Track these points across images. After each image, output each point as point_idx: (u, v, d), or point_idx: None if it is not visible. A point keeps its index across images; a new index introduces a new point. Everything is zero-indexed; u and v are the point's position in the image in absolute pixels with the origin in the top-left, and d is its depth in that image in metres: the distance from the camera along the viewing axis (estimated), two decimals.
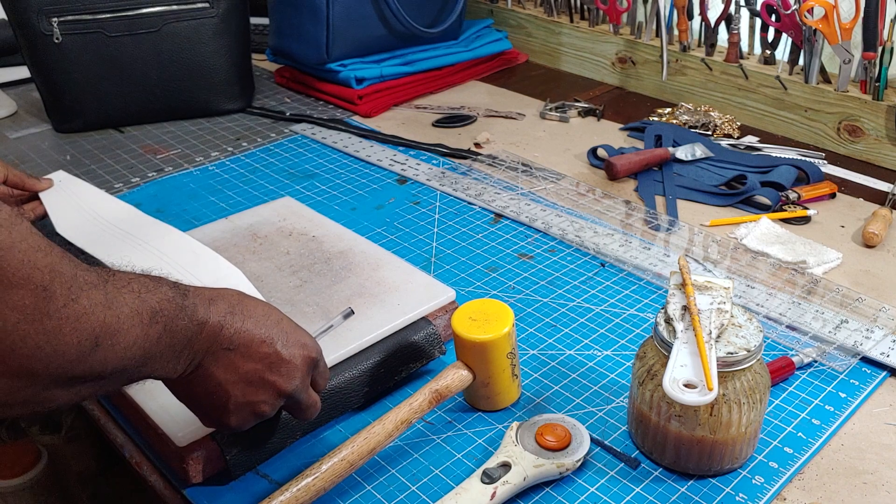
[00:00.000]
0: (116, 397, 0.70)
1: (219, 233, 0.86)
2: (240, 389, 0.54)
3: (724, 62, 1.24)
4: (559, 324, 0.81)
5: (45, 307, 0.41)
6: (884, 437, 0.68)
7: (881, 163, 1.12)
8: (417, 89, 1.36)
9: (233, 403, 0.55)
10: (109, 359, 0.45)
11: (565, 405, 0.71)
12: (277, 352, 0.55)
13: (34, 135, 1.24)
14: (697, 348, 0.60)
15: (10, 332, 0.40)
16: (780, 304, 0.82)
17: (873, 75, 1.09)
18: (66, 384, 0.44)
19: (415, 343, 0.73)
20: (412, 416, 0.64)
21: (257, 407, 0.56)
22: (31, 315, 0.40)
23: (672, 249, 0.93)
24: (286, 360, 0.55)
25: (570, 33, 1.45)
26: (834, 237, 0.96)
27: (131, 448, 0.68)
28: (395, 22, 1.32)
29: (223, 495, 0.63)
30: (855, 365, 0.75)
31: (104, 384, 0.47)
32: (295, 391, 0.57)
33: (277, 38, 1.36)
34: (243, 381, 0.54)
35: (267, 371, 0.55)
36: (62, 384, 0.44)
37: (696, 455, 0.63)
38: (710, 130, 1.21)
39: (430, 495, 0.63)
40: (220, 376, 0.53)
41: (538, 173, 1.10)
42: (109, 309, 0.45)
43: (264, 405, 0.56)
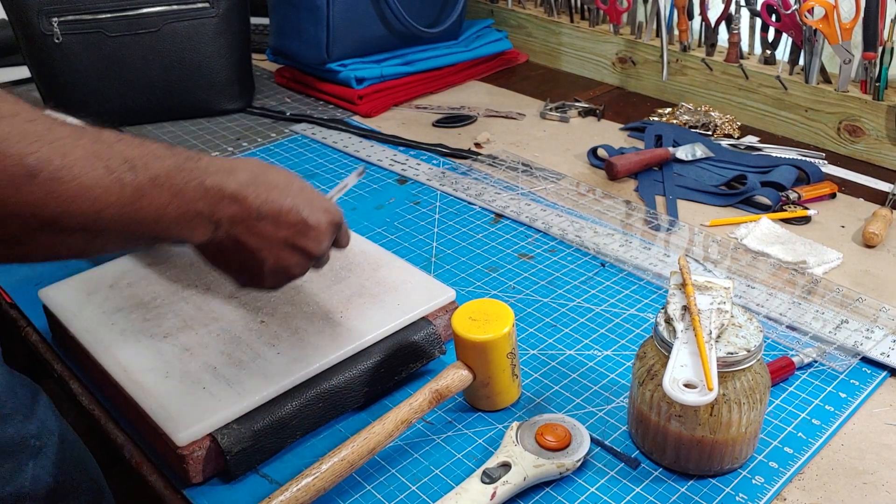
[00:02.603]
0: (116, 397, 0.70)
1: None
2: (273, 256, 0.58)
3: (725, 62, 1.24)
4: (559, 324, 0.81)
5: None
6: (884, 437, 0.68)
7: (881, 163, 1.12)
8: (417, 89, 1.36)
9: (267, 268, 0.59)
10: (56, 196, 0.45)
11: (565, 405, 0.71)
12: (305, 219, 0.58)
13: None
14: (697, 348, 0.60)
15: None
16: (780, 304, 0.82)
17: (873, 75, 1.09)
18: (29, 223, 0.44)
19: (415, 343, 0.73)
20: (412, 416, 0.64)
21: (290, 270, 0.60)
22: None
23: (672, 249, 0.93)
24: (313, 226, 0.59)
25: (571, 33, 1.45)
26: (834, 237, 0.96)
27: (131, 448, 0.68)
28: (395, 22, 1.32)
29: (224, 495, 0.63)
30: (855, 365, 0.75)
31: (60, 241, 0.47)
32: (322, 253, 0.62)
33: (277, 38, 1.36)
34: (276, 248, 0.58)
35: (297, 237, 0.58)
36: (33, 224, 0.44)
37: (696, 455, 0.63)
38: (710, 130, 1.21)
39: (430, 495, 0.63)
40: (253, 244, 0.56)
41: (538, 173, 1.10)
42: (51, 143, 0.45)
43: (296, 268, 0.61)
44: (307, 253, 0.60)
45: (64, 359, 0.78)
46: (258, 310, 0.74)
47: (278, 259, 0.59)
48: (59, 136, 0.46)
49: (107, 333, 0.71)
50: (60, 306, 0.75)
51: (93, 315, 0.74)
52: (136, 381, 0.66)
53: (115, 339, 0.71)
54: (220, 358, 0.69)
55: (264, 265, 0.58)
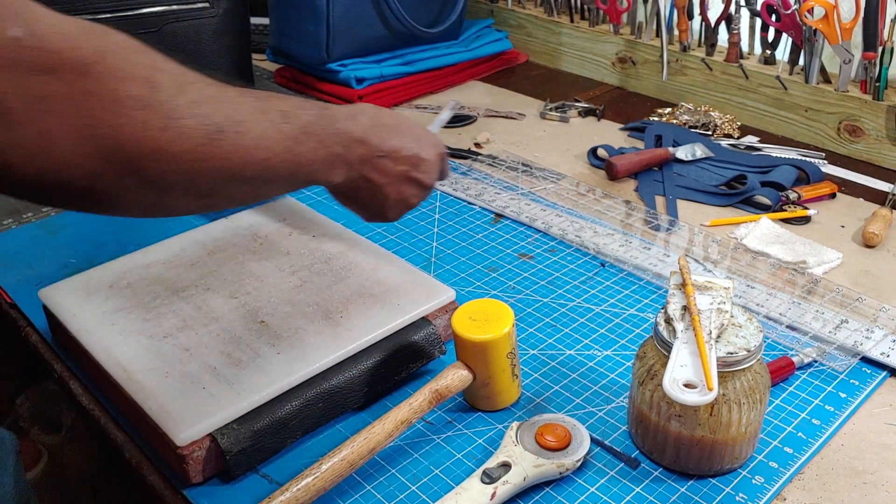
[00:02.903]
0: (116, 397, 0.70)
1: (219, 232, 0.86)
2: (394, 189, 0.66)
3: (725, 62, 1.24)
4: (559, 324, 0.81)
5: (155, 94, 0.46)
6: (884, 437, 0.68)
7: (881, 163, 1.12)
8: (417, 89, 1.36)
9: (391, 200, 0.66)
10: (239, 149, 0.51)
11: (565, 405, 0.71)
12: (417, 154, 0.66)
13: None
14: (697, 348, 0.60)
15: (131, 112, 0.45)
16: (780, 304, 0.82)
17: (873, 75, 1.09)
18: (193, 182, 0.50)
19: (415, 343, 0.73)
20: (412, 416, 0.64)
21: (409, 200, 0.68)
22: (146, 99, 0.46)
23: (672, 249, 0.93)
24: (425, 159, 0.67)
25: (571, 33, 1.45)
26: (834, 237, 0.96)
27: (131, 448, 0.68)
28: (395, 22, 1.32)
29: (223, 495, 0.63)
30: (855, 365, 0.75)
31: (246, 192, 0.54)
32: (433, 183, 0.70)
33: (277, 38, 1.36)
34: (396, 182, 0.66)
35: (413, 170, 0.66)
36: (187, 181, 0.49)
37: (696, 455, 0.63)
38: (710, 130, 1.21)
39: (430, 495, 0.63)
40: (378, 180, 0.64)
41: (538, 173, 1.10)
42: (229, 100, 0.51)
43: (414, 198, 0.69)
44: (422, 184, 0.68)
45: (64, 359, 0.78)
46: (258, 310, 0.74)
47: (399, 192, 0.66)
48: (231, 96, 0.52)
49: (106, 333, 0.71)
50: (60, 306, 0.75)
51: (92, 315, 0.74)
52: (135, 381, 0.66)
53: (114, 339, 0.71)
54: (220, 358, 0.69)
55: (388, 199, 0.66)
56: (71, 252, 0.94)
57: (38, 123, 0.43)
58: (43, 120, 0.43)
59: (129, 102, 0.45)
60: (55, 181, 0.45)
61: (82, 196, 0.48)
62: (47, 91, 0.43)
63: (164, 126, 0.46)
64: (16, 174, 0.44)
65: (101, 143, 0.45)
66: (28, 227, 0.99)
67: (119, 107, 0.45)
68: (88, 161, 0.45)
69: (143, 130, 0.46)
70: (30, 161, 0.44)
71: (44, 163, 0.44)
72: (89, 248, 0.94)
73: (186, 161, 0.48)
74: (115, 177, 0.46)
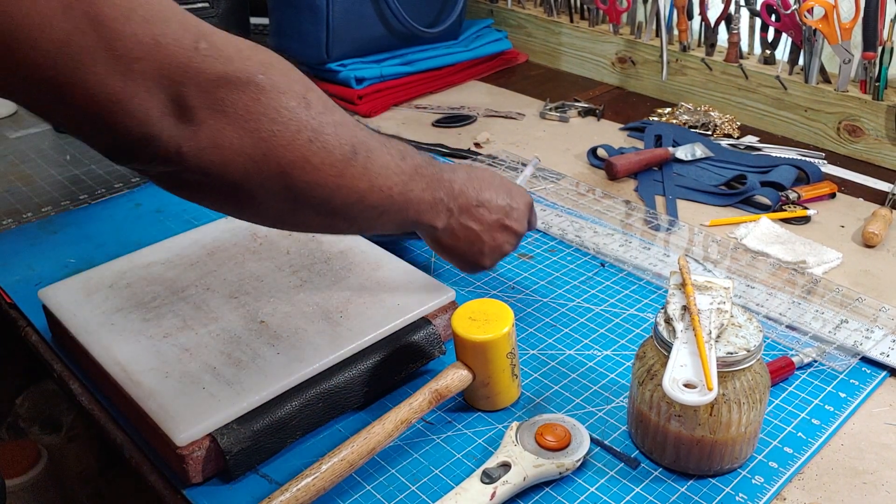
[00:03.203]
0: (116, 397, 0.70)
1: (219, 232, 0.86)
2: (490, 236, 0.71)
3: (724, 62, 1.24)
4: (559, 324, 0.81)
5: (307, 110, 0.53)
6: (884, 437, 0.68)
7: (881, 163, 1.12)
8: (417, 89, 1.36)
9: (487, 247, 0.72)
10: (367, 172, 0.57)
11: (565, 405, 0.71)
12: (509, 203, 0.72)
13: (34, 135, 1.23)
14: (697, 348, 0.60)
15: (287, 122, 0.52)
16: (779, 304, 0.82)
17: (873, 75, 1.09)
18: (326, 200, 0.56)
19: (415, 343, 0.73)
20: (412, 416, 0.64)
21: (503, 247, 0.74)
22: (300, 113, 0.52)
23: (672, 249, 0.93)
24: (515, 208, 0.73)
25: (570, 33, 1.45)
26: (834, 237, 0.96)
27: (131, 448, 0.68)
28: (394, 22, 1.32)
29: (223, 495, 0.63)
30: (855, 365, 0.75)
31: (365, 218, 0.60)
32: (525, 230, 0.75)
33: (277, 38, 1.36)
34: (491, 229, 0.71)
35: (506, 218, 0.72)
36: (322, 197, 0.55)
37: (695, 455, 0.63)
38: (710, 130, 1.21)
39: (430, 495, 0.63)
40: (475, 227, 0.70)
41: (538, 173, 1.10)
42: (360, 129, 0.57)
43: (507, 245, 0.74)
44: (514, 231, 0.74)
45: (64, 359, 0.78)
46: (258, 310, 0.74)
47: (494, 238, 0.72)
48: (361, 126, 0.58)
49: (106, 333, 0.71)
50: (60, 306, 0.75)
51: (92, 315, 0.74)
52: (135, 381, 0.66)
53: (114, 339, 0.71)
54: (220, 358, 0.69)
55: (485, 245, 0.71)
56: (70, 252, 0.94)
57: (211, 121, 0.49)
58: (216, 118, 0.50)
59: (285, 113, 0.52)
60: (216, 173, 0.51)
61: (230, 193, 0.53)
62: (221, 94, 0.49)
63: (311, 138, 0.53)
64: (185, 164, 0.50)
65: (258, 145, 0.51)
66: (27, 227, 0.99)
67: (277, 115, 0.51)
68: (246, 160, 0.51)
69: (294, 139, 0.52)
70: (200, 154, 0.50)
71: (210, 157, 0.50)
72: (89, 248, 0.94)
73: (325, 175, 0.54)
74: (264, 178, 0.53)
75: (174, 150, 0.49)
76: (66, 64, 0.44)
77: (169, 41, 0.47)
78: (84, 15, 0.44)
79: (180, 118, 0.49)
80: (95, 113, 0.46)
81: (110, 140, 0.49)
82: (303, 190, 0.55)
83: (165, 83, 0.47)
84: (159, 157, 0.50)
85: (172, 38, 0.47)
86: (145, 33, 0.46)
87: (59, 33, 0.43)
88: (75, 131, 0.49)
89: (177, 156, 0.50)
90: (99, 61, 0.45)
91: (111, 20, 0.45)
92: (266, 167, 0.52)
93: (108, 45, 0.45)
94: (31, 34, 0.43)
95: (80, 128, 0.49)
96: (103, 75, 0.45)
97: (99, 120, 0.47)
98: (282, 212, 0.57)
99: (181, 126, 0.49)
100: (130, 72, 0.46)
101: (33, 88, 0.45)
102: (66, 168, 1.13)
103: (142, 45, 0.46)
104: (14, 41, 0.43)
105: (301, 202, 0.56)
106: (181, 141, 0.49)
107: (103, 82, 0.45)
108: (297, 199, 0.55)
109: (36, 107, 0.48)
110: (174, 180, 0.53)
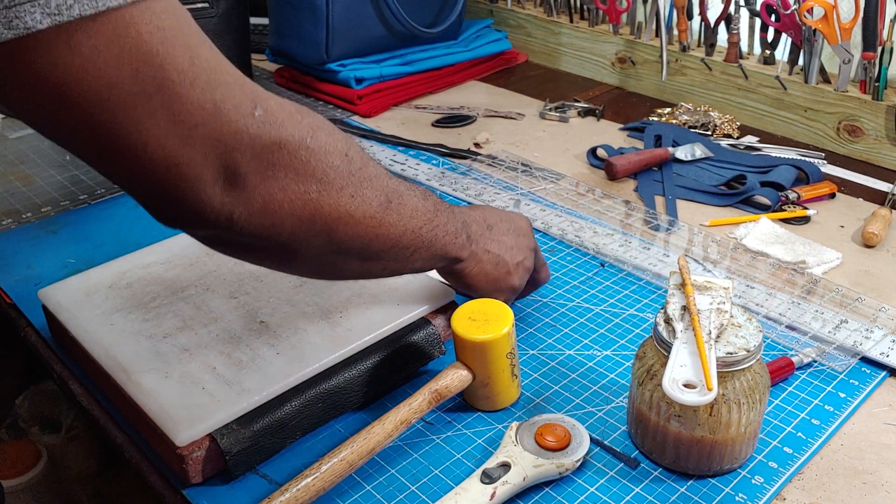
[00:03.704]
0: (116, 397, 0.70)
1: None
2: (510, 255, 0.74)
3: (724, 62, 1.24)
4: (559, 324, 0.81)
5: (349, 166, 0.55)
6: (883, 437, 0.68)
7: (881, 163, 1.12)
8: (417, 89, 1.36)
9: (511, 266, 0.74)
10: (401, 217, 0.60)
11: (565, 405, 0.71)
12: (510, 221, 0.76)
13: (34, 135, 1.23)
14: (697, 348, 0.60)
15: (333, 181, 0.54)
16: (779, 304, 0.82)
17: (873, 75, 1.09)
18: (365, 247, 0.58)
19: (414, 343, 0.73)
20: (412, 416, 0.64)
21: (525, 263, 0.75)
22: (343, 170, 0.54)
23: (672, 249, 0.93)
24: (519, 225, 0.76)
25: (570, 33, 1.45)
26: (833, 237, 0.96)
27: (131, 448, 0.68)
28: (394, 22, 1.32)
29: (223, 495, 0.63)
30: (854, 365, 0.75)
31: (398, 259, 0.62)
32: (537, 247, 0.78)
33: (277, 38, 1.36)
34: (509, 249, 0.74)
35: (519, 237, 0.75)
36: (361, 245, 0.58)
37: (695, 455, 0.63)
38: (709, 130, 1.21)
39: (430, 495, 0.63)
40: (495, 249, 0.73)
41: (538, 173, 1.10)
42: (389, 177, 0.60)
43: (527, 261, 0.76)
44: (529, 245, 0.76)
45: (63, 359, 0.78)
46: (258, 310, 0.74)
47: (514, 257, 0.74)
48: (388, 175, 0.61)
49: (106, 333, 0.71)
50: (60, 306, 0.75)
51: (92, 315, 0.74)
52: (135, 381, 0.66)
53: (114, 339, 0.71)
54: (220, 358, 0.69)
55: (508, 264, 0.73)
56: (70, 252, 0.94)
57: (262, 186, 0.50)
58: (267, 183, 0.50)
59: (331, 172, 0.54)
60: (265, 235, 0.52)
61: (276, 251, 0.55)
62: (274, 159, 0.50)
63: (353, 194, 0.55)
64: (235, 228, 0.51)
65: (307, 206, 0.53)
66: (27, 227, 0.99)
67: (325, 175, 0.53)
68: (294, 221, 0.52)
69: (339, 197, 0.54)
70: (250, 219, 0.51)
71: (261, 221, 0.51)
72: (89, 248, 0.94)
73: (366, 226, 0.57)
74: (311, 236, 0.54)
75: (225, 217, 0.50)
76: (128, 126, 0.44)
77: (229, 107, 0.48)
78: (152, 79, 0.44)
79: (231, 184, 0.49)
80: (150, 176, 0.47)
81: (162, 204, 0.49)
82: (345, 242, 0.56)
83: (220, 149, 0.48)
84: (210, 223, 0.50)
85: (232, 105, 0.48)
86: (207, 99, 0.47)
87: (127, 95, 0.44)
88: (128, 191, 0.50)
89: (227, 222, 0.50)
90: (161, 125, 0.45)
91: (177, 85, 0.45)
92: (313, 225, 0.54)
93: (171, 109, 0.45)
94: (100, 94, 0.43)
95: (132, 188, 0.49)
96: (163, 139, 0.46)
97: (153, 184, 0.47)
98: (322, 264, 0.59)
99: (232, 192, 0.49)
100: (190, 137, 0.46)
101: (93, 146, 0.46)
102: (66, 168, 1.13)
103: (203, 111, 0.46)
104: (84, 101, 0.43)
105: (342, 253, 0.58)
106: (233, 207, 0.50)
107: (162, 146, 0.46)
108: (339, 251, 0.57)
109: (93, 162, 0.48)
110: (220, 241, 0.54)
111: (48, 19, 0.41)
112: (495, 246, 0.73)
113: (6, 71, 0.42)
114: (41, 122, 0.45)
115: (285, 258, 0.57)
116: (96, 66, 0.42)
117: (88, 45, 0.42)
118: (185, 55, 0.45)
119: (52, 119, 0.44)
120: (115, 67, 0.43)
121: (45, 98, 0.43)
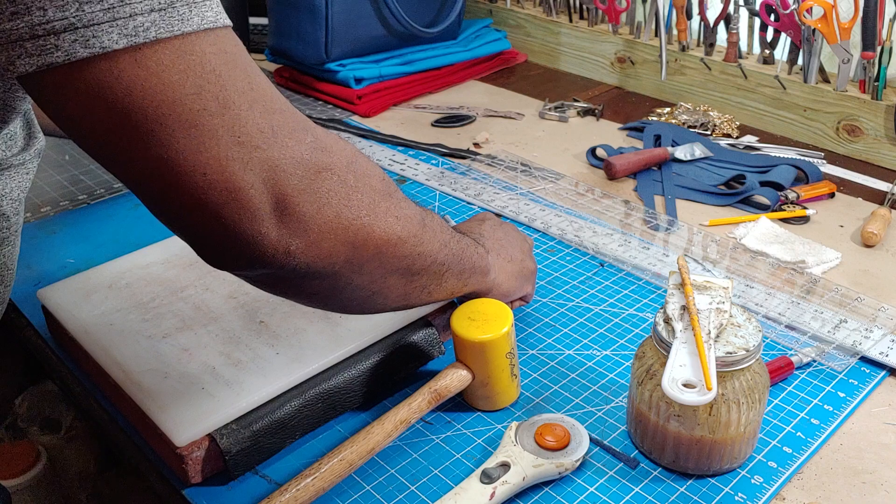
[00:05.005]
0: (116, 397, 0.70)
1: None
2: (521, 255, 0.77)
3: (723, 62, 1.24)
4: (558, 324, 0.82)
5: (388, 187, 0.55)
6: (883, 437, 0.68)
7: (880, 162, 1.12)
8: (416, 89, 1.36)
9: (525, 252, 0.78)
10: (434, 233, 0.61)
11: (564, 405, 0.71)
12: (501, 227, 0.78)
13: None
14: (696, 348, 0.60)
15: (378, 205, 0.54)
16: (779, 303, 0.82)
17: (872, 75, 1.09)
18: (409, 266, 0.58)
19: (414, 343, 0.73)
20: (411, 416, 0.64)
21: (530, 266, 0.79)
22: (381, 193, 0.54)
23: (671, 249, 0.93)
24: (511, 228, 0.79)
25: (569, 33, 1.45)
26: (833, 237, 0.96)
27: (131, 448, 0.68)
28: (394, 22, 1.32)
29: (223, 495, 0.63)
30: (854, 364, 0.75)
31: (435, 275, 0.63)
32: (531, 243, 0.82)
33: (276, 38, 1.36)
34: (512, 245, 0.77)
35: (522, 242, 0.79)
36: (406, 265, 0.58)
37: (695, 455, 0.63)
38: (709, 130, 1.21)
39: (430, 495, 0.63)
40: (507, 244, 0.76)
41: (537, 173, 1.10)
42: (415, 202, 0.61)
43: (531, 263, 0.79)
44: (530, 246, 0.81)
45: (63, 359, 0.78)
46: (257, 310, 0.74)
47: (523, 259, 0.77)
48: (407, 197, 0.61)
49: (106, 334, 0.71)
50: (59, 306, 0.75)
51: (91, 315, 0.74)
52: (135, 381, 0.66)
53: (113, 339, 0.71)
54: (219, 358, 0.69)
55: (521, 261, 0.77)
56: (70, 252, 0.94)
57: (319, 215, 0.49)
58: (322, 212, 0.49)
59: (375, 195, 0.54)
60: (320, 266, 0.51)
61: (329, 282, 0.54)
62: (326, 185, 0.50)
63: (398, 215, 0.56)
64: (292, 262, 0.49)
65: (360, 232, 0.52)
66: (26, 228, 0.99)
67: (370, 199, 0.53)
68: (348, 248, 0.52)
69: (386, 219, 0.54)
70: (307, 250, 0.50)
71: (318, 252, 0.50)
72: (88, 248, 0.94)
73: (411, 245, 0.57)
74: (363, 261, 0.54)
75: (283, 251, 0.48)
76: (188, 146, 0.44)
77: (285, 132, 0.47)
78: (215, 98, 0.44)
79: (286, 215, 0.48)
80: (206, 208, 0.45)
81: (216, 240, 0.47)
82: (392, 263, 0.56)
83: (277, 176, 0.47)
84: (267, 258, 0.48)
85: (288, 130, 0.48)
86: (266, 123, 0.46)
87: (189, 113, 0.43)
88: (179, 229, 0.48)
89: (285, 256, 0.49)
90: (222, 144, 0.44)
91: (238, 106, 0.45)
92: (365, 250, 0.53)
93: (233, 129, 0.45)
94: (162, 109, 0.42)
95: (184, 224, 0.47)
96: (224, 161, 0.45)
97: (209, 216, 0.46)
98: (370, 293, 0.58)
99: (289, 223, 0.48)
100: (251, 161, 0.45)
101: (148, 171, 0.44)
102: (65, 168, 1.13)
103: (262, 134, 0.46)
104: (145, 117, 0.42)
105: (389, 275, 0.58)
106: (290, 239, 0.48)
107: (223, 167, 0.45)
108: (386, 275, 0.57)
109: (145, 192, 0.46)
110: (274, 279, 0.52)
111: (125, 40, 0.41)
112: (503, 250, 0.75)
113: (71, 87, 0.41)
114: (95, 140, 0.44)
115: (337, 290, 0.55)
116: (161, 80, 0.42)
117: (155, 59, 0.42)
118: (244, 79, 0.46)
119: (108, 137, 0.43)
120: (179, 84, 0.42)
121: (105, 113, 0.42)
